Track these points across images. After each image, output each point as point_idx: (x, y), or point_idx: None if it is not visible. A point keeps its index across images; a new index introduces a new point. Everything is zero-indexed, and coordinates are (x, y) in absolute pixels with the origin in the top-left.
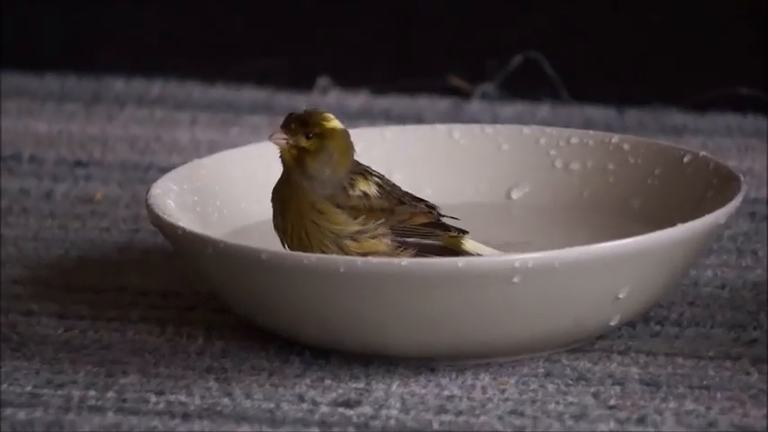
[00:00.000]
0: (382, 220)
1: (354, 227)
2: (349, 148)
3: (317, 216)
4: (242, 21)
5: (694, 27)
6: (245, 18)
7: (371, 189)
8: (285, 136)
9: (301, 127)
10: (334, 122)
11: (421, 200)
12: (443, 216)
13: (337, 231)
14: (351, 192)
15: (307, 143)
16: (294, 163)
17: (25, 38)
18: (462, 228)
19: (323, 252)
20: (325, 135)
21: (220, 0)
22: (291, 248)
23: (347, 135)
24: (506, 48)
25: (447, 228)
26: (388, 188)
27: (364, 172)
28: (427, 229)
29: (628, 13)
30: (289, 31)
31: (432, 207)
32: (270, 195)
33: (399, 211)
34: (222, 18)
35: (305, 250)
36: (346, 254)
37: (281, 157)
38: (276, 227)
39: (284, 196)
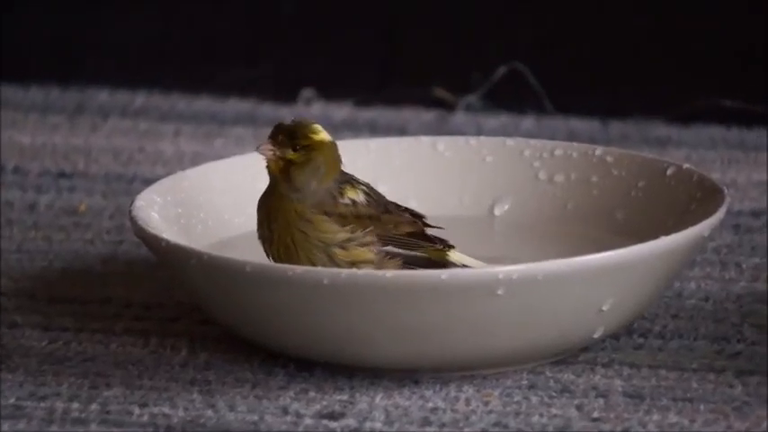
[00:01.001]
0: (370, 228)
1: (343, 235)
2: (336, 160)
3: (305, 225)
4: (226, 32)
5: (678, 39)
6: (230, 29)
7: (359, 197)
8: (272, 147)
9: (289, 139)
10: (323, 135)
11: (407, 209)
12: (429, 226)
13: (326, 240)
14: (339, 199)
15: (294, 155)
16: (281, 175)
17: (9, 49)
18: (446, 240)
19: (310, 261)
20: (312, 148)
21: (204, 11)
22: (277, 259)
23: (335, 148)
24: (490, 59)
25: (432, 240)
26: (374, 196)
27: (351, 180)
28: (413, 241)
29: (612, 24)
30: (273, 43)
31: (418, 216)
32: (255, 207)
33: (386, 219)
34: (206, 29)
35: (291, 260)
36: (334, 263)
37: (267, 167)
38: (261, 237)
39: (270, 207)
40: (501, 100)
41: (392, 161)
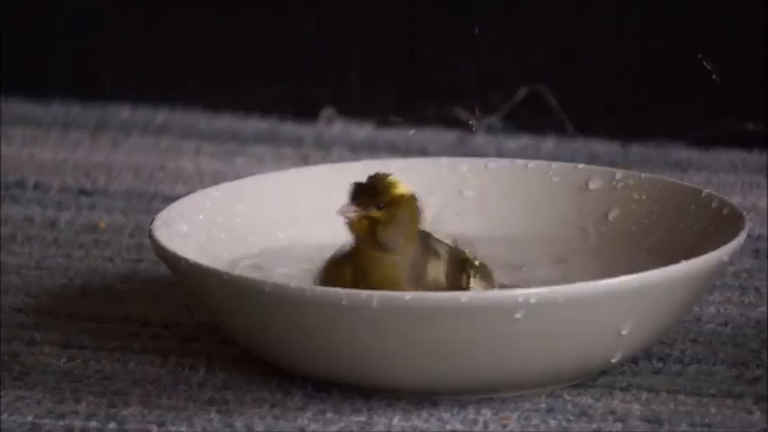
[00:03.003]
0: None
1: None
2: (419, 212)
3: (416, 277)
4: (247, 51)
5: (700, 62)
6: (251, 48)
7: (440, 272)
8: (356, 208)
9: (371, 197)
10: (402, 188)
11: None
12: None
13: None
14: (425, 274)
15: (379, 213)
16: (367, 235)
17: (30, 65)
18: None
19: None
20: (396, 203)
21: (226, 29)
22: None
23: (416, 199)
24: (511, 81)
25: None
26: (453, 257)
27: (434, 249)
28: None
29: (632, 47)
30: (294, 62)
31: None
32: (275, 226)
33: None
34: (228, 48)
35: None
36: None
37: (351, 229)
38: None
39: (358, 271)
40: (522, 121)
41: (412, 182)
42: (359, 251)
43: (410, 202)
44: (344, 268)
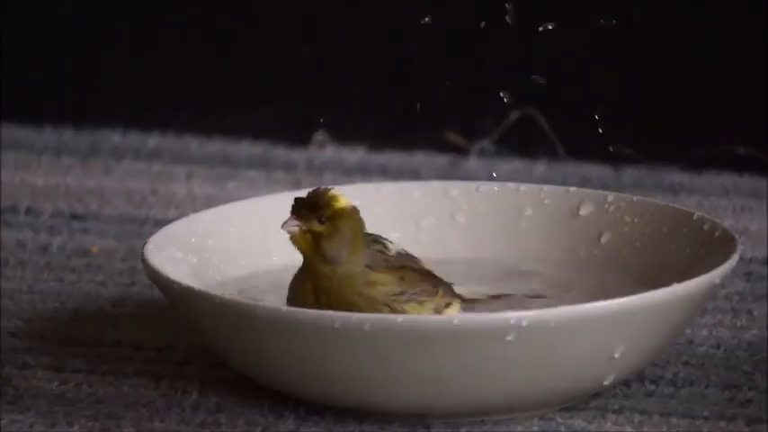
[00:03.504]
0: (423, 279)
1: (409, 287)
2: (361, 224)
3: (367, 288)
4: (239, 75)
5: (691, 86)
6: (242, 72)
7: (400, 249)
8: (298, 222)
9: (312, 211)
10: (343, 202)
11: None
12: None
13: (391, 293)
14: (387, 254)
15: (320, 227)
16: (310, 249)
17: (22, 90)
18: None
19: None
20: (338, 216)
21: (217, 54)
22: None
23: (357, 212)
24: (503, 104)
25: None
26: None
27: (380, 239)
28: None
29: (625, 71)
30: (285, 86)
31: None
32: (266, 249)
33: (425, 271)
34: (219, 72)
35: None
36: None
37: (295, 244)
38: None
39: (315, 283)
40: (513, 145)
41: (405, 205)
42: (310, 266)
43: (351, 214)
44: (306, 285)
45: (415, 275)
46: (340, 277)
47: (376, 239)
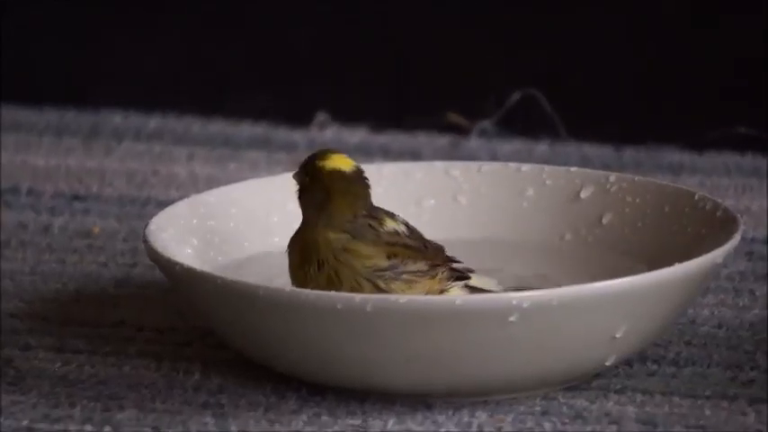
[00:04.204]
0: (420, 260)
1: (388, 262)
2: (351, 192)
3: (344, 255)
4: (240, 56)
5: (693, 66)
6: (244, 53)
7: (400, 227)
8: (298, 173)
9: (303, 166)
10: (333, 163)
11: (428, 241)
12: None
13: (370, 266)
14: (380, 229)
15: (299, 182)
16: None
17: (24, 72)
18: (468, 267)
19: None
20: (316, 176)
21: (219, 35)
22: None
23: (348, 177)
24: (505, 85)
25: (458, 271)
26: (413, 230)
27: (389, 213)
28: (457, 273)
29: (626, 51)
30: (287, 67)
31: (439, 248)
32: (268, 230)
33: (430, 253)
34: (220, 53)
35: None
36: (383, 291)
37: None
38: (295, 277)
39: (302, 246)
40: (515, 126)
41: (406, 186)
42: (303, 224)
43: (332, 176)
44: (296, 244)
45: (411, 254)
46: (319, 239)
47: (376, 215)
